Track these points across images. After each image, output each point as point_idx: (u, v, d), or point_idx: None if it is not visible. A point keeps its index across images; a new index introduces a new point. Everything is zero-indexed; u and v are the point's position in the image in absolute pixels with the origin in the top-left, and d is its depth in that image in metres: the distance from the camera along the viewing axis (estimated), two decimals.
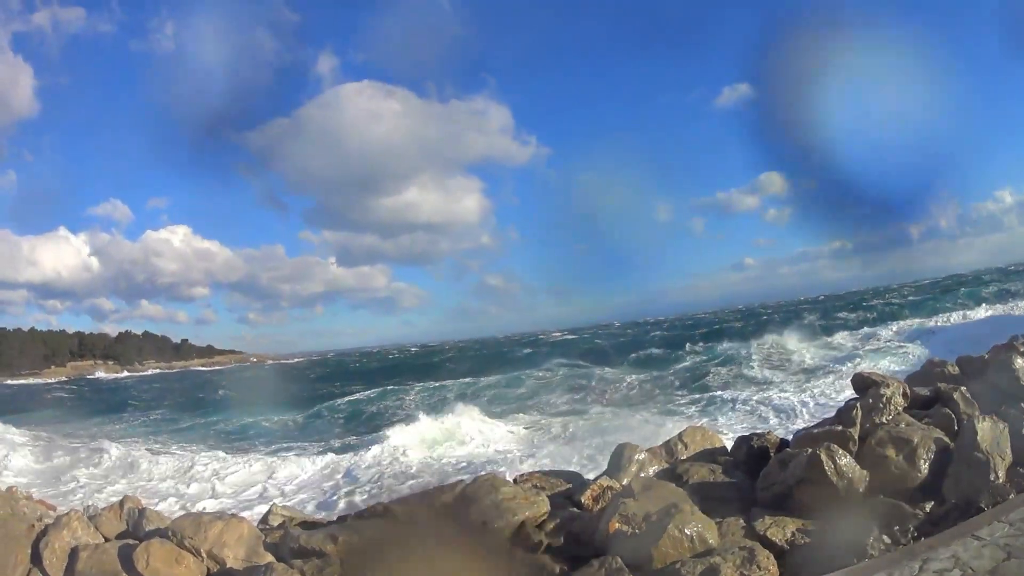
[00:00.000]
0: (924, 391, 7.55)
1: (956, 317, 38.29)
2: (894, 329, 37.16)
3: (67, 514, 6.90)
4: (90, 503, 7.53)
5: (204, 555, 6.53)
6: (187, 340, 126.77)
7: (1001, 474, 6.75)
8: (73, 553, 6.66)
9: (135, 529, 7.04)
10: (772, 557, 5.97)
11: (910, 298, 51.35)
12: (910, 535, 6.28)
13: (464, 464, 17.07)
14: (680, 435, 7.85)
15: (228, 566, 6.53)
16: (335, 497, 14.29)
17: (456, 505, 6.66)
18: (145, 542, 6.57)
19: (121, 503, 7.34)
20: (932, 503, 6.61)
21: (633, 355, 39.28)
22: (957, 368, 8.23)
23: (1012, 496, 6.59)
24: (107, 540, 6.88)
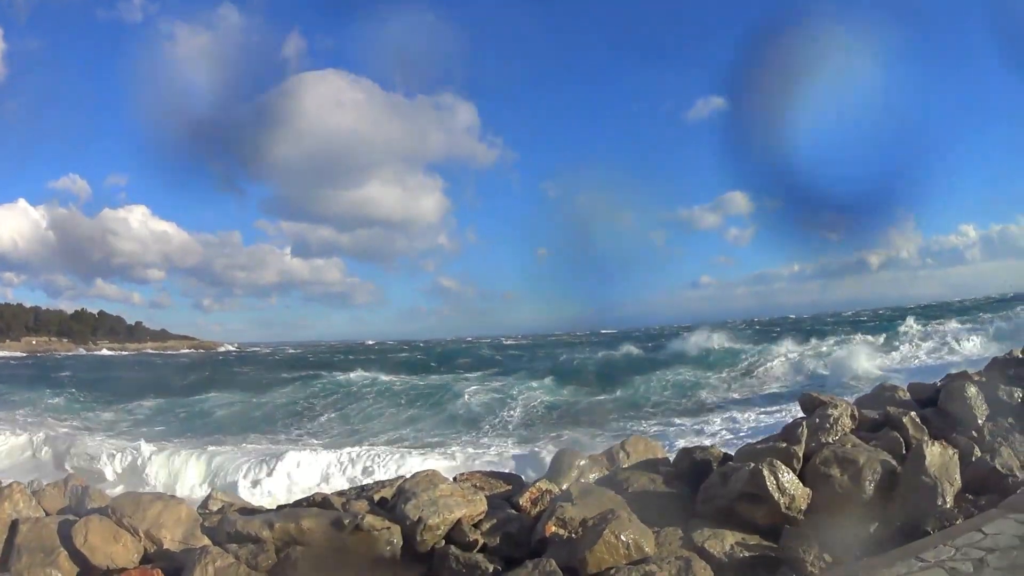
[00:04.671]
0: (873, 414, 7.37)
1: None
2: None
3: (9, 486, 6.76)
4: (34, 478, 7.38)
5: (142, 535, 6.37)
6: (141, 322, 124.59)
7: (949, 499, 6.57)
8: (13, 526, 6.49)
9: (77, 506, 6.88)
10: (709, 568, 5.79)
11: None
12: (852, 555, 6.07)
13: None
14: (623, 443, 7.69)
15: (165, 547, 6.37)
16: None
17: (394, 499, 6.51)
18: (84, 518, 6.40)
19: (66, 479, 7.21)
20: (876, 524, 6.41)
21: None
22: (908, 394, 8.06)
23: (960, 521, 6.39)
24: (48, 515, 6.73)
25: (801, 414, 7.59)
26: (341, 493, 6.87)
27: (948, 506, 6.49)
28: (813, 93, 7.41)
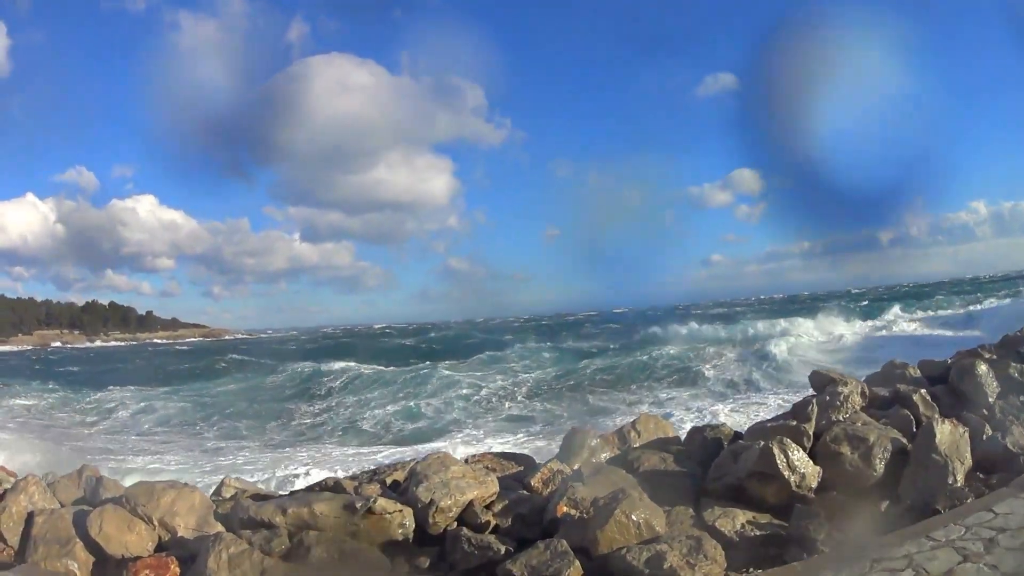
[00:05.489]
0: (883, 392, 7.34)
1: None
2: None
3: (24, 479, 6.79)
4: (49, 471, 7.41)
5: (156, 523, 6.38)
6: (152, 312, 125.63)
7: (960, 478, 6.54)
8: (29, 518, 6.53)
9: (92, 496, 6.91)
10: (720, 547, 5.75)
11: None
12: (862, 533, 6.05)
13: None
14: (633, 423, 7.67)
15: (179, 535, 6.38)
16: None
17: (405, 482, 6.51)
18: (99, 508, 6.43)
19: (80, 471, 7.24)
20: (887, 503, 6.39)
21: None
22: (919, 371, 8.02)
23: (970, 500, 6.35)
24: (63, 506, 6.76)
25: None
26: (353, 477, 6.89)
27: (958, 485, 6.45)
28: (822, 70, 7.35)
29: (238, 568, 5.85)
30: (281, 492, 7.40)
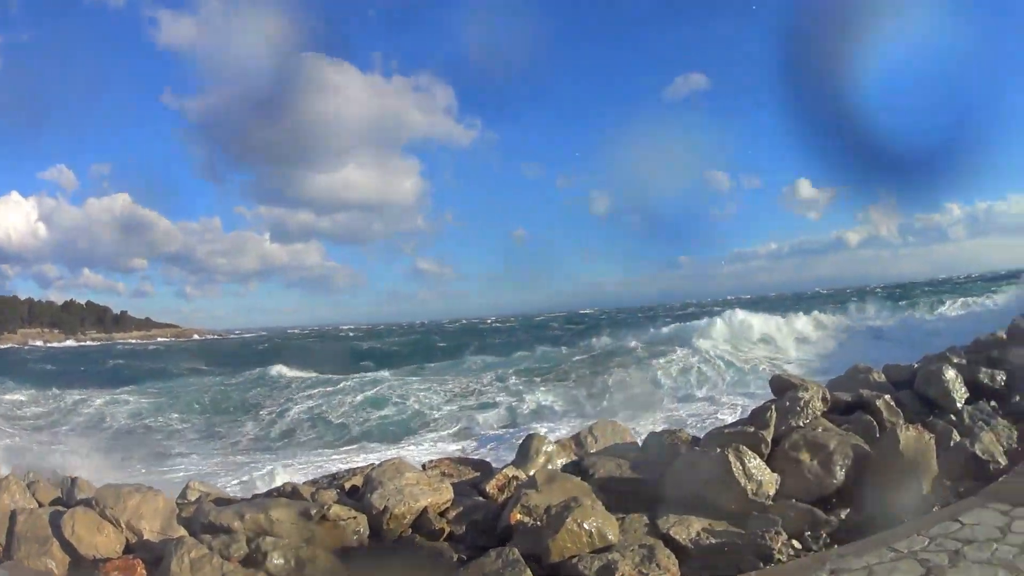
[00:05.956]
0: (846, 396, 7.18)
1: None
2: None
3: (6, 478, 6.97)
4: (30, 471, 7.58)
5: (123, 525, 6.50)
6: (126, 312, 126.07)
7: (924, 486, 6.38)
8: (12, 516, 6.70)
9: (68, 497, 7.07)
10: (673, 556, 5.69)
11: None
12: (822, 542, 5.94)
13: None
14: (591, 428, 7.60)
15: (144, 538, 6.50)
16: None
17: (362, 488, 6.54)
18: (71, 510, 6.57)
19: (56, 471, 7.40)
20: (848, 511, 6.25)
21: None
22: (883, 375, 7.83)
23: (936, 509, 6.20)
24: (42, 505, 6.92)
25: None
26: (314, 482, 6.93)
27: (924, 493, 6.30)
28: (797, 66, 7.20)
29: (200, 572, 5.90)
30: (243, 496, 7.48)
